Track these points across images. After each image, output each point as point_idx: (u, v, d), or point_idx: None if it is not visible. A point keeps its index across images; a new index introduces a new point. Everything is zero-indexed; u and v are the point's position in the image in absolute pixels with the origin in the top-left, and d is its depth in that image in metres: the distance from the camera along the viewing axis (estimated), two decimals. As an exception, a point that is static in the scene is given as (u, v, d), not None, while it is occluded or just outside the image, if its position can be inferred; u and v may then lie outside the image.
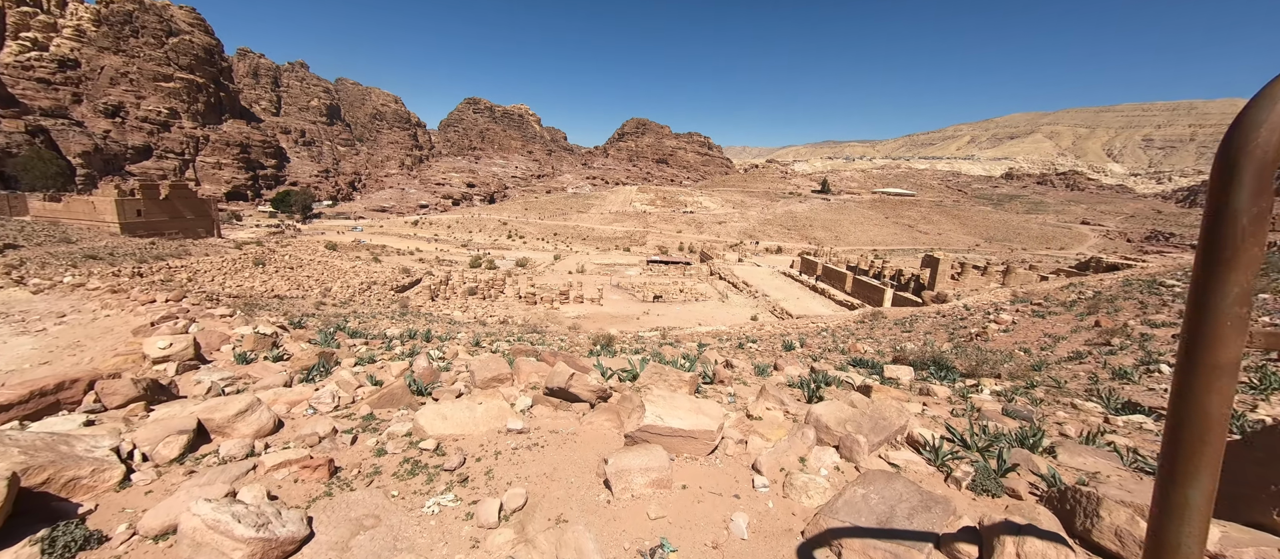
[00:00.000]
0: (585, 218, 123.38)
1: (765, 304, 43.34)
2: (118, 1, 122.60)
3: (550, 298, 42.63)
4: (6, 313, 12.48)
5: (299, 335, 9.63)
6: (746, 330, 25.90)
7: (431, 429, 3.48)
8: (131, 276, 23.46)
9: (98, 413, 3.89)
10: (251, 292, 27.62)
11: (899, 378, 8.79)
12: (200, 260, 34.43)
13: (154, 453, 2.99)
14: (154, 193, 56.42)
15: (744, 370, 7.58)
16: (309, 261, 46.02)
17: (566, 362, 5.36)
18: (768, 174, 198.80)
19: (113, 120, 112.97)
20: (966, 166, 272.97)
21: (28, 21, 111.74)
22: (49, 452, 2.62)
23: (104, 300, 13.67)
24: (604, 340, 14.66)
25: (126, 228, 50.64)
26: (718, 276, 58.77)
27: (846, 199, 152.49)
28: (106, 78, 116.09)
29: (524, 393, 4.56)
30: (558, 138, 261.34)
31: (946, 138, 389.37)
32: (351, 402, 4.35)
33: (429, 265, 58.10)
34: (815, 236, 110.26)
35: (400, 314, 24.89)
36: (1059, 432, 5.43)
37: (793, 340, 16.29)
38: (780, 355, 13.40)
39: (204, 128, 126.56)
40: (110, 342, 9.07)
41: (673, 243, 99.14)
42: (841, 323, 25.49)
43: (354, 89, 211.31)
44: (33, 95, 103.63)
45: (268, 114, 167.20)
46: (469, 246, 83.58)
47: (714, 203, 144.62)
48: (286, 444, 3.34)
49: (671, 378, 5.38)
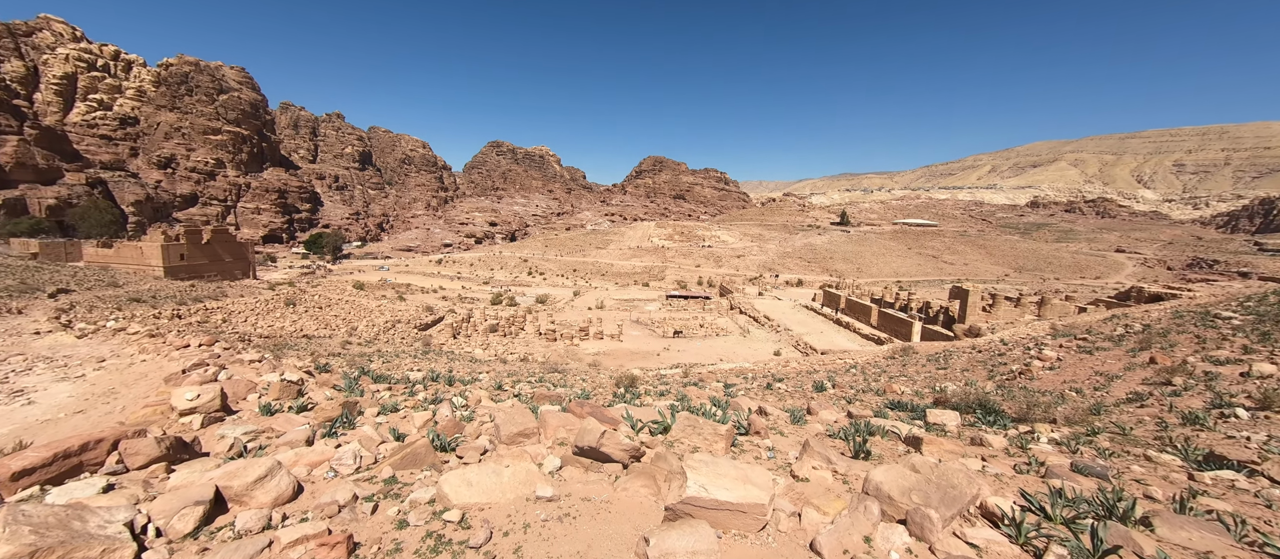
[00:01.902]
0: (604, 254, 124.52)
1: (788, 339, 42.32)
2: (177, 64, 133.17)
3: (570, 334, 42.49)
4: (51, 358, 12.89)
5: (324, 380, 9.60)
6: (771, 367, 25.15)
7: (456, 497, 3.25)
8: (170, 318, 24.27)
9: (119, 474, 3.79)
10: (282, 332, 28.24)
11: (945, 424, 8.21)
12: (235, 301, 35.57)
13: (168, 527, 2.83)
14: (196, 238, 59.29)
15: (778, 418, 7.17)
16: (337, 301, 47.16)
17: (595, 415, 5.11)
18: (785, 207, 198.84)
19: (164, 171, 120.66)
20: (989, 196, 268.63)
21: (96, 85, 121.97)
22: (61, 530, 2.48)
23: (142, 344, 14.03)
24: (627, 382, 14.31)
25: (170, 271, 53.05)
26: (738, 311, 57.96)
27: (867, 231, 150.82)
28: (161, 132, 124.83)
29: (552, 451, 4.31)
30: (577, 176, 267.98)
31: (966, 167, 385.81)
32: (374, 461, 4.16)
33: (452, 303, 58.94)
34: (836, 269, 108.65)
35: (423, 353, 25.01)
36: (1144, 493, 4.87)
37: (822, 380, 15.65)
38: (812, 397, 12.82)
39: (246, 176, 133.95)
40: (143, 389, 9.18)
41: (691, 277, 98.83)
42: (871, 359, 24.55)
43: (385, 136, 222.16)
44: (95, 150, 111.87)
45: (305, 161, 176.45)
46: (491, 284, 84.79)
47: (732, 237, 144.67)
48: (305, 514, 3.15)
49: (706, 431, 5.06)
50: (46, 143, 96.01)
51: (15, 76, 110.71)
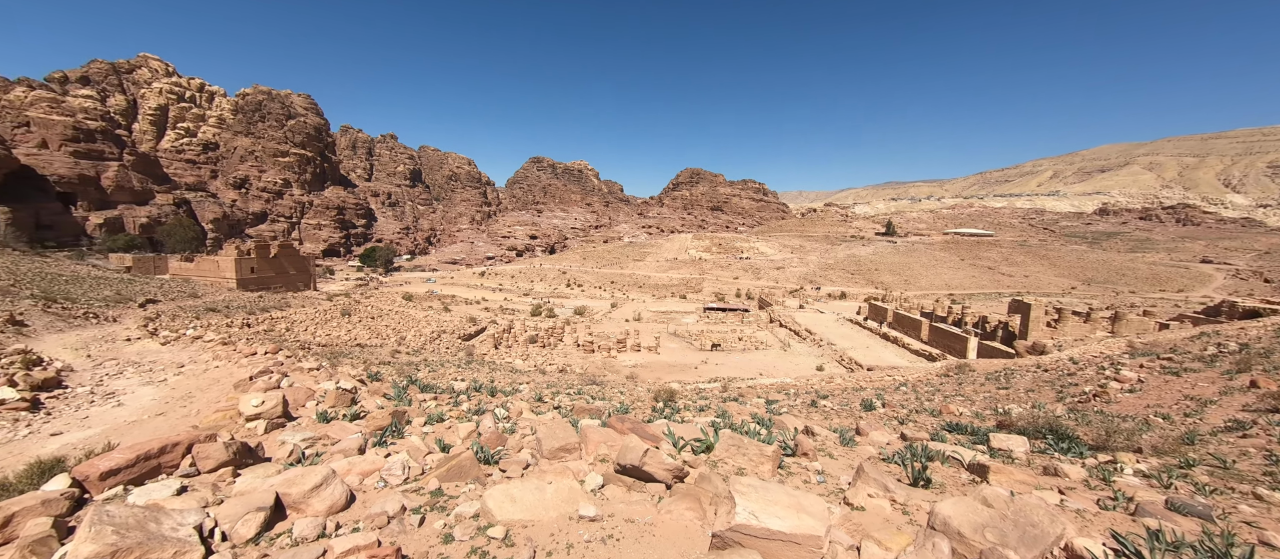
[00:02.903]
0: (641, 266, 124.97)
1: (831, 354, 40.80)
2: (252, 93, 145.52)
3: (608, 346, 42.68)
4: (138, 362, 14.11)
5: (375, 389, 10.01)
6: (814, 383, 24.26)
7: (500, 513, 3.25)
8: (240, 327, 26.14)
9: (192, 477, 4.03)
10: (338, 341, 29.84)
11: (1011, 450, 7.61)
12: (297, 312, 37.95)
13: (233, 532, 2.97)
14: (265, 252, 63.96)
15: (826, 439, 6.84)
16: (388, 312, 49.47)
17: (636, 432, 5.03)
18: (827, 218, 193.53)
19: (239, 191, 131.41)
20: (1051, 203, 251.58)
21: (184, 114, 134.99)
22: (138, 531, 2.63)
23: (216, 351, 15.14)
24: (666, 396, 14.14)
25: (241, 283, 57.38)
26: (778, 324, 56.52)
27: (915, 241, 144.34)
28: (237, 156, 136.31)
29: (594, 468, 4.26)
30: (615, 190, 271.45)
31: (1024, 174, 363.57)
32: (421, 472, 4.24)
33: (493, 314, 60.62)
34: (882, 281, 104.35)
35: (466, 363, 25.75)
36: (1258, 538, 4.27)
37: (871, 398, 14.90)
38: (860, 416, 12.22)
39: (309, 194, 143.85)
40: (215, 394, 9.86)
41: (729, 290, 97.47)
42: (922, 376, 23.26)
43: (434, 154, 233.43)
44: (181, 173, 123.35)
45: (361, 179, 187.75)
46: (530, 295, 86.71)
47: (771, 248, 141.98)
48: (356, 524, 3.22)
49: (751, 452, 4.87)
50: (141, 167, 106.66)
51: (118, 109, 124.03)
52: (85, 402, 10.23)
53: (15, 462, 6.77)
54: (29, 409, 9.31)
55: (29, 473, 4.36)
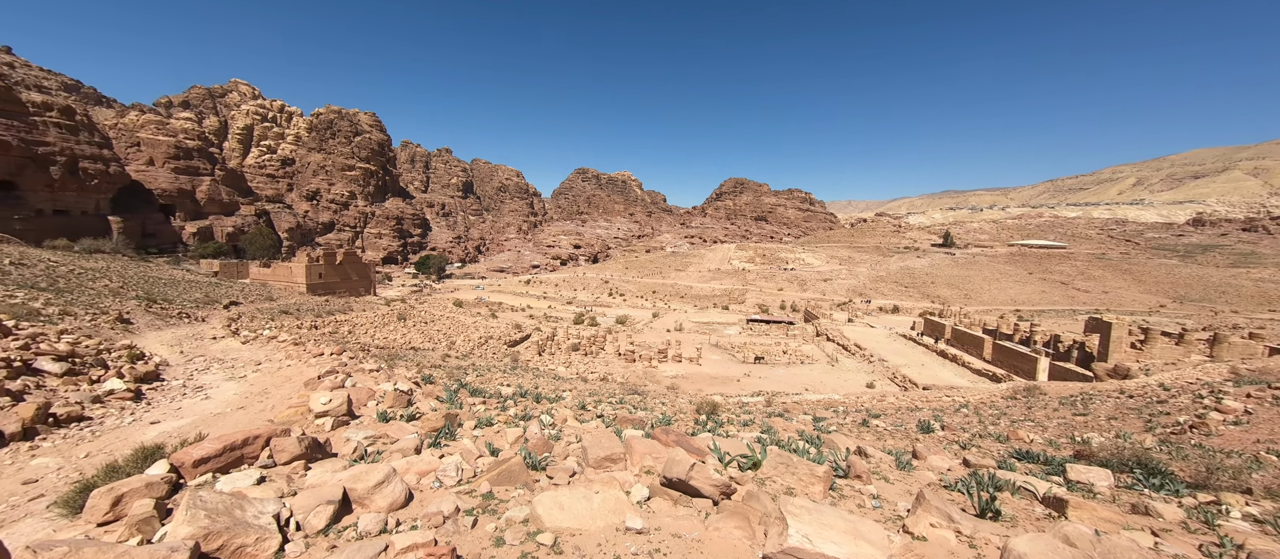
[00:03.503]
0: (683, 276, 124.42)
1: (883, 370, 38.87)
2: (325, 112, 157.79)
3: (649, 356, 42.64)
4: (223, 359, 15.45)
5: (429, 391, 10.46)
6: (865, 401, 23.19)
7: (548, 520, 3.30)
8: (309, 329, 28.11)
9: (269, 468, 4.37)
10: (394, 343, 31.49)
11: (1092, 484, 6.94)
12: (359, 315, 40.40)
13: (305, 522, 3.18)
14: (331, 259, 68.72)
15: (881, 461, 6.50)
16: (439, 317, 51.75)
17: (681, 445, 4.98)
18: (878, 228, 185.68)
19: (311, 203, 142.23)
20: (1135, 212, 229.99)
21: (266, 133, 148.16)
22: (226, 516, 2.87)
23: (288, 351, 16.35)
24: (708, 409, 13.93)
25: (311, 288, 61.86)
26: (825, 338, 54.54)
27: (976, 253, 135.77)
28: (310, 170, 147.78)
29: (639, 480, 4.25)
30: (657, 200, 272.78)
31: (1103, 181, 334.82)
32: (473, 474, 4.38)
33: (538, 321, 62.09)
34: (939, 295, 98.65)
35: (511, 368, 26.45)
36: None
37: (928, 419, 14.04)
38: (917, 439, 11.54)
39: (371, 205, 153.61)
40: (288, 391, 10.63)
41: (774, 301, 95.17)
42: (985, 398, 21.74)
43: (485, 167, 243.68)
44: (262, 187, 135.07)
45: (418, 191, 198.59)
46: (573, 304, 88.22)
47: (818, 259, 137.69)
48: (415, 522, 3.37)
49: (800, 471, 4.71)
50: (229, 182, 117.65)
51: (212, 129, 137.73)
52: (178, 394, 11.30)
53: (122, 446, 7.57)
54: (133, 399, 10.39)
55: (134, 458, 4.87)
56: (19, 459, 7.40)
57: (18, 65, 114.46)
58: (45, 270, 29.23)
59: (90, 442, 8.21)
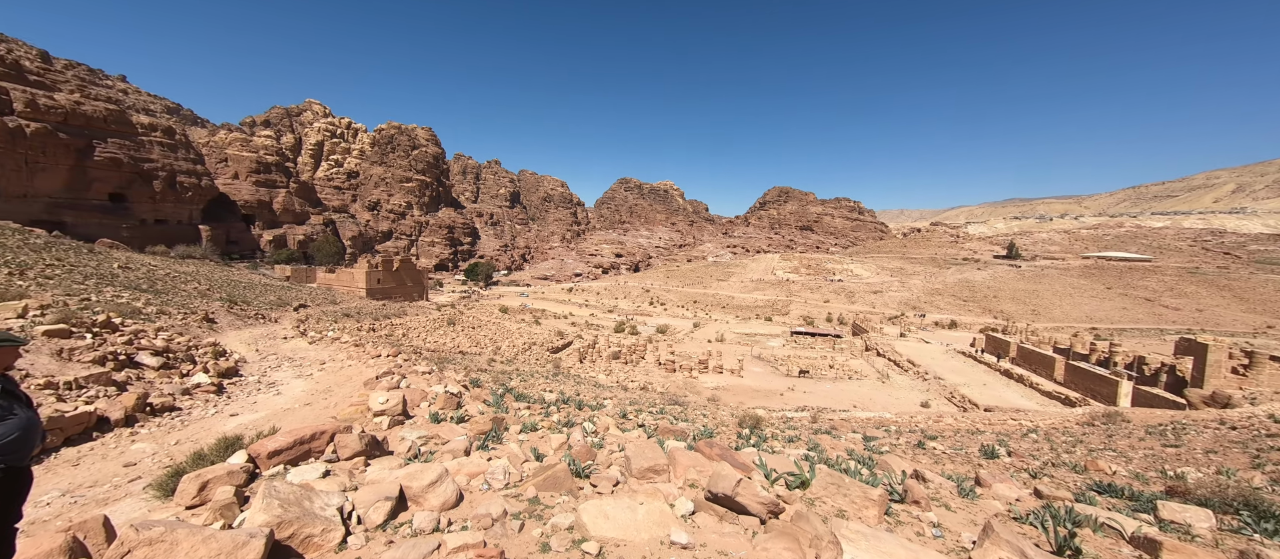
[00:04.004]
0: (725, 286, 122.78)
1: (939, 389, 36.63)
2: (387, 128, 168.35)
3: (689, 366, 42.23)
4: (292, 358, 16.61)
5: (476, 395, 10.80)
6: (919, 421, 21.91)
7: (594, 528, 3.31)
8: (368, 331, 29.81)
9: (333, 463, 4.64)
10: (443, 347, 32.84)
11: (1190, 525, 6.22)
12: (412, 319, 42.45)
13: (366, 516, 3.34)
14: (389, 266, 72.74)
15: (940, 487, 6.09)
16: (486, 322, 53.53)
17: (726, 459, 4.88)
18: (933, 238, 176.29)
19: (372, 213, 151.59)
20: (1234, 222, 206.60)
21: (335, 148, 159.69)
22: (297, 507, 3.07)
23: (349, 352, 17.39)
24: (752, 422, 13.60)
25: (370, 292, 65.67)
26: (875, 352, 52.11)
27: (1045, 265, 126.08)
28: (372, 182, 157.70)
29: (683, 493, 4.19)
30: (699, 209, 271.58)
31: (1195, 188, 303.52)
32: (520, 478, 4.47)
33: (579, 329, 62.99)
34: (1002, 310, 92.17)
35: (553, 374, 26.92)
36: None
37: (992, 444, 13.06)
38: (980, 464, 10.76)
39: (426, 215, 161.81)
40: (349, 390, 11.29)
41: (819, 313, 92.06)
42: (1057, 423, 20.04)
43: (531, 177, 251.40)
44: (330, 198, 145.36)
45: (469, 201, 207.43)
46: (614, 312, 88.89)
47: (867, 270, 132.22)
48: (465, 523, 3.47)
49: (853, 492, 4.49)
50: (301, 193, 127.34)
51: (288, 146, 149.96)
52: (254, 389, 12.24)
53: (207, 436, 8.27)
54: (215, 392, 11.36)
55: (217, 447, 5.31)
56: (121, 443, 8.23)
57: (130, 92, 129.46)
58: (146, 274, 32.56)
59: (180, 430, 9.02)
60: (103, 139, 77.87)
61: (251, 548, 2.52)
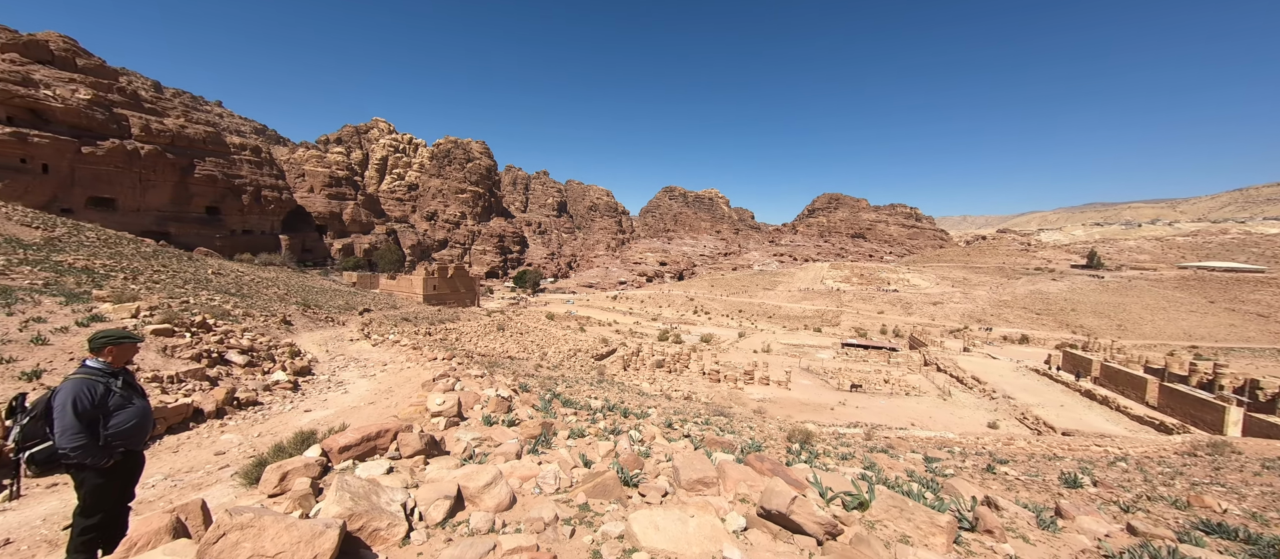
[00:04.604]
0: (771, 295, 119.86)
1: (1008, 409, 33.92)
2: (444, 143, 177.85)
3: (734, 377, 41.42)
4: (357, 359, 17.71)
5: (526, 399, 11.08)
6: (986, 443, 20.36)
7: (644, 539, 3.29)
8: (425, 335, 31.36)
9: (396, 460, 4.89)
10: (493, 351, 33.99)
11: (1327, 579, 5.40)
12: (464, 324, 44.28)
13: (427, 513, 3.49)
14: (444, 273, 76.38)
15: (1016, 516, 5.61)
16: (533, 329, 54.94)
17: (779, 474, 4.72)
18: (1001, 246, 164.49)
19: (429, 222, 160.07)
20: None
21: (397, 162, 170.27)
22: (365, 500, 3.25)
23: (408, 354, 18.34)
24: (802, 437, 13.12)
25: (427, 298, 69.17)
26: (935, 367, 49.06)
27: (1132, 276, 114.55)
28: (429, 194, 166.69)
29: (734, 508, 4.09)
30: (745, 217, 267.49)
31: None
32: (570, 484, 4.53)
33: (623, 336, 63.38)
34: (1082, 325, 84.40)
35: (598, 381, 27.17)
36: None
37: (1073, 471, 11.89)
38: (1060, 493, 9.84)
39: (479, 224, 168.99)
40: (408, 391, 11.89)
41: (873, 325, 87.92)
42: (1151, 452, 18.04)
43: (578, 187, 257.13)
44: (392, 209, 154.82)
45: (518, 211, 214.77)
46: (658, 321, 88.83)
47: (925, 280, 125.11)
48: (518, 525, 3.55)
49: (917, 517, 4.22)
50: (367, 205, 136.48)
51: (356, 161, 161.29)
52: (324, 387, 13.15)
53: (285, 430, 8.96)
54: (292, 389, 12.28)
55: (295, 440, 5.74)
56: (212, 434, 9.04)
57: (225, 115, 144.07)
58: (234, 279, 35.81)
59: (261, 423, 9.81)
60: (202, 158, 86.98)
61: (327, 538, 2.69)
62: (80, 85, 71.64)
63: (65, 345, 10.34)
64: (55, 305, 12.63)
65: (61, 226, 34.37)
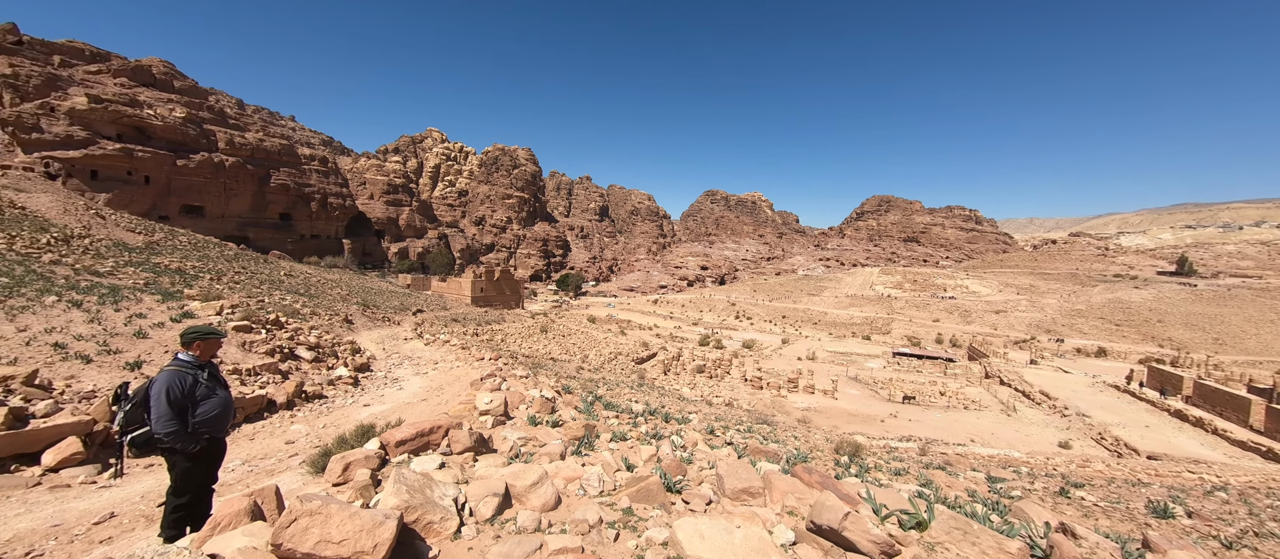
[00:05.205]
0: (817, 301, 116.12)
1: (1083, 428, 31.17)
2: (492, 150, 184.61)
3: (777, 384, 40.35)
4: (411, 357, 18.58)
5: (568, 401, 11.24)
6: (1057, 464, 18.78)
7: (689, 547, 3.24)
8: (472, 335, 32.54)
9: (447, 456, 5.08)
10: (536, 353, 34.79)
11: None
12: (509, 326, 45.60)
13: (476, 510, 3.59)
14: (490, 276, 79.06)
15: (1098, 546, 5.12)
16: (575, 331, 55.81)
17: (829, 487, 4.53)
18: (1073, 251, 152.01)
19: (477, 227, 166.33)
20: None
21: (448, 170, 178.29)
22: (420, 494, 3.39)
23: (458, 354, 19.06)
24: (850, 449, 12.59)
25: (474, 300, 71.82)
26: (997, 380, 45.84)
27: (1233, 284, 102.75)
28: (478, 199, 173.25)
29: (781, 520, 3.96)
30: (789, 221, 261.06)
31: None
32: (613, 488, 4.53)
33: (664, 341, 63.20)
34: (1171, 338, 76.48)
35: (638, 385, 27.20)
36: None
37: (1163, 500, 10.74)
38: (1147, 524, 8.92)
39: (524, 229, 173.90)
40: (457, 389, 12.35)
41: (927, 334, 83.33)
42: (1257, 481, 16.10)
43: (619, 192, 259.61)
44: (443, 214, 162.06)
45: (561, 215, 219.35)
46: (699, 325, 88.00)
47: (987, 287, 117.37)
48: (564, 526, 3.59)
49: (984, 542, 3.93)
50: (421, 211, 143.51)
51: (412, 169, 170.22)
52: (381, 383, 13.88)
53: (346, 422, 9.52)
54: (352, 385, 13.04)
55: (356, 433, 6.09)
56: (283, 424, 9.71)
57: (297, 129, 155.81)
58: (303, 280, 38.49)
59: (325, 415, 10.45)
60: (277, 168, 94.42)
61: (387, 527, 2.81)
62: (176, 104, 79.65)
63: (161, 339, 11.47)
64: (154, 302, 14.03)
65: (159, 232, 38.24)
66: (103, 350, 10.17)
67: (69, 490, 6.18)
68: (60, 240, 23.99)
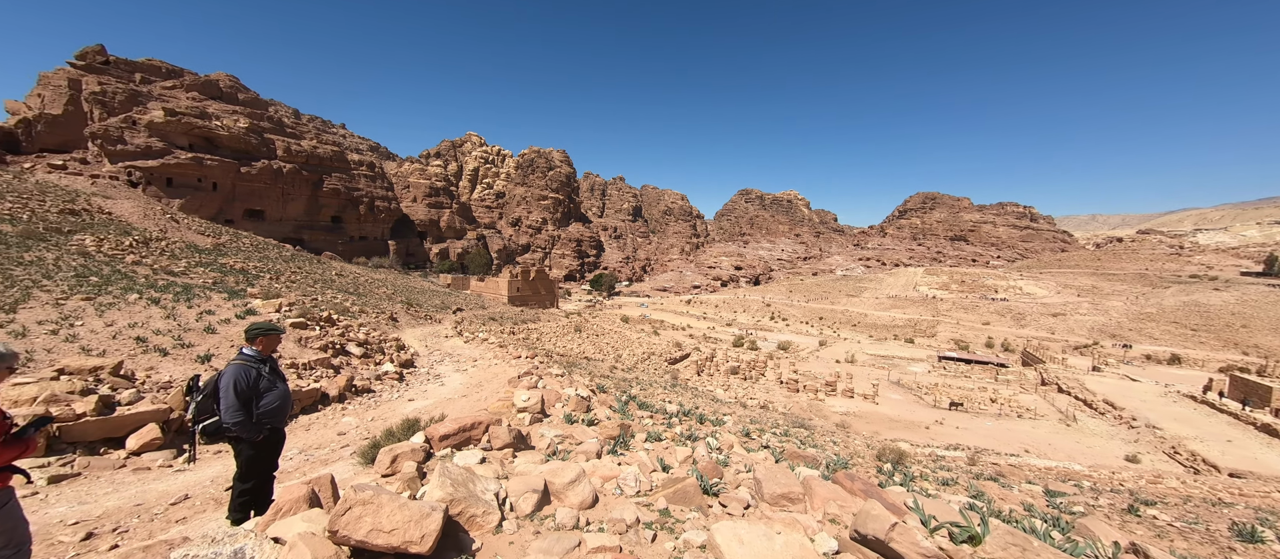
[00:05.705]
0: (856, 302, 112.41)
1: (1153, 441, 28.82)
2: (529, 153, 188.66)
3: (814, 387, 39.32)
4: (452, 354, 19.19)
5: (603, 400, 11.33)
6: (1124, 480, 17.43)
7: (728, 552, 3.19)
8: (509, 334, 33.32)
9: (488, 451, 5.21)
10: (570, 352, 35.26)
11: None
12: (544, 325, 46.44)
13: (516, 505, 3.67)
14: (526, 275, 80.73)
15: (1173, 571, 4.71)
16: (608, 331, 56.23)
17: (873, 496, 4.37)
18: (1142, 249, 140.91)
19: (514, 228, 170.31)
20: None
21: (486, 173, 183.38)
22: (464, 488, 3.49)
23: (495, 352, 19.56)
24: (894, 457, 12.11)
25: (511, 299, 73.53)
26: (1055, 387, 43.04)
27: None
28: (515, 201, 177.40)
29: (823, 528, 3.85)
30: (827, 220, 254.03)
31: None
32: (650, 488, 4.53)
33: (697, 341, 62.78)
34: (1257, 344, 69.60)
35: (671, 385, 27.11)
36: None
37: (1249, 522, 9.76)
38: (1231, 547, 8.14)
39: (558, 229, 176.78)
40: (495, 386, 12.67)
41: (976, 338, 79.18)
42: (1366, 508, 14.38)
43: (653, 192, 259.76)
44: (482, 216, 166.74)
45: (595, 216, 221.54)
46: (733, 326, 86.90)
47: (1043, 289, 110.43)
48: (601, 525, 3.61)
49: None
50: (461, 213, 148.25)
51: (452, 173, 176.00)
52: (424, 379, 14.41)
53: (393, 416, 9.94)
54: (398, 380, 13.60)
55: (402, 427, 6.35)
56: (335, 416, 10.22)
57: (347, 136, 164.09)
58: (352, 280, 40.45)
59: (373, 409, 10.94)
60: (329, 174, 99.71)
61: (433, 519, 2.91)
62: (240, 115, 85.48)
63: (228, 334, 12.32)
64: (221, 300, 15.09)
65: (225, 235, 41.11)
66: (177, 344, 11.02)
67: (149, 473, 6.73)
68: (140, 242, 26.19)
